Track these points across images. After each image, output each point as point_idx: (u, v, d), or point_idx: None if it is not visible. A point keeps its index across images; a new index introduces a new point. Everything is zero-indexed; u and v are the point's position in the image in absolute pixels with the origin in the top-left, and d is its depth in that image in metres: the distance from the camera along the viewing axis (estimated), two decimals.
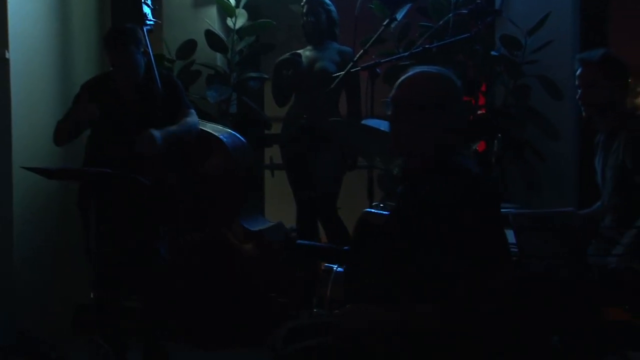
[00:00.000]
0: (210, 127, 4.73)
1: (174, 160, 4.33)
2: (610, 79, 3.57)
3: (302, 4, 5.15)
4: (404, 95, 2.55)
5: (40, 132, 4.75)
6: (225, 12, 5.33)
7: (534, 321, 3.08)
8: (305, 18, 5.12)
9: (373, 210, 3.43)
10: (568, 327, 3.26)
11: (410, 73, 2.60)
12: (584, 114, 3.68)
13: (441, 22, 4.69)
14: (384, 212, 3.19)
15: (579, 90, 3.63)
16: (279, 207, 5.19)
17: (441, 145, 2.51)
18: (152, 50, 4.30)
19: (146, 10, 4.44)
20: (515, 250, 3.43)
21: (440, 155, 2.50)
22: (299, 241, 3.92)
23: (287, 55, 5.11)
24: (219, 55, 5.44)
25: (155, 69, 4.27)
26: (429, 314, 2.30)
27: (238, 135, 4.82)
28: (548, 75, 4.67)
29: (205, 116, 4.93)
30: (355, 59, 4.37)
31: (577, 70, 3.65)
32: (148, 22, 4.45)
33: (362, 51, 4.36)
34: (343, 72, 4.38)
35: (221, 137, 4.67)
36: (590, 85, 3.60)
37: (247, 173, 4.78)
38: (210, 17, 5.46)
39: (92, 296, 4.01)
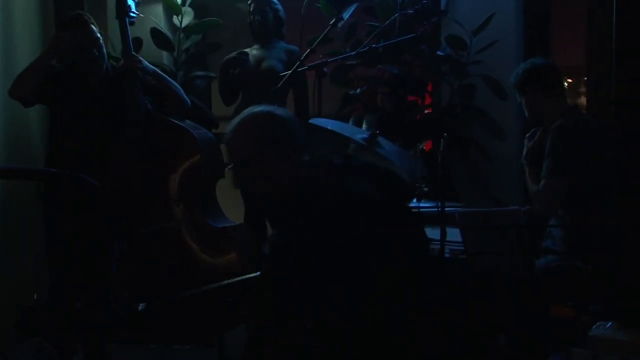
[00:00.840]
0: (180, 121, 4.70)
1: (144, 153, 4.33)
2: (540, 91, 3.74)
3: (248, 2, 5.13)
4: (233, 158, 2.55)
5: None
6: (172, 10, 5.29)
7: (480, 319, 3.12)
8: (252, 17, 5.11)
9: None
10: (513, 325, 3.30)
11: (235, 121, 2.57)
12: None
13: (387, 22, 4.72)
14: None
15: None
16: (227, 205, 5.15)
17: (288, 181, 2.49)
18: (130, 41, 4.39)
19: (130, 2, 4.45)
20: (462, 248, 3.48)
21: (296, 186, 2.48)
22: None
23: (234, 54, 5.08)
24: (165, 54, 5.40)
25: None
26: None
27: (206, 130, 4.80)
28: (493, 75, 4.73)
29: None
30: (302, 58, 4.38)
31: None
32: (131, 15, 4.47)
33: (309, 50, 4.36)
34: (290, 71, 4.38)
35: (191, 130, 4.64)
36: (529, 107, 3.78)
37: (214, 168, 4.77)
38: (156, 15, 5.41)
39: (35, 298, 3.95)
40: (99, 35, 4.18)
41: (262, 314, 2.41)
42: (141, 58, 4.34)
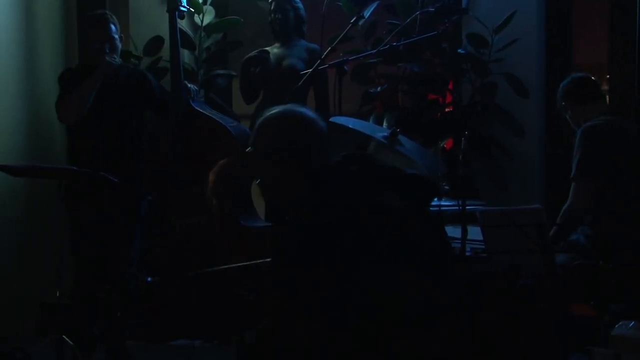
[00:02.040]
0: (218, 116, 4.75)
1: (183, 146, 4.45)
2: (583, 103, 3.89)
3: (269, 1, 5.14)
4: (259, 141, 2.49)
5: (4, 128, 4.70)
6: (193, 8, 5.30)
7: (501, 317, 3.11)
8: (272, 15, 5.11)
9: None
10: (534, 324, 3.29)
11: (262, 118, 2.51)
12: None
13: (408, 20, 4.71)
14: None
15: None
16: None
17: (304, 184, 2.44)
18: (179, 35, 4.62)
19: None
20: (483, 247, 3.46)
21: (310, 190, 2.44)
22: None
23: (254, 52, 5.10)
24: (186, 52, 5.41)
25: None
26: None
27: (242, 125, 4.85)
28: (514, 73, 4.71)
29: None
30: (323, 56, 4.38)
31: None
32: (182, 9, 4.65)
33: (329, 48, 4.36)
34: (311, 70, 4.39)
35: (228, 126, 4.69)
36: (575, 120, 3.91)
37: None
38: None
39: (58, 295, 3.98)
40: (114, 35, 4.19)
41: (269, 310, 2.41)
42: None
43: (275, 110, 2.51)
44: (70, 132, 4.34)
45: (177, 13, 4.60)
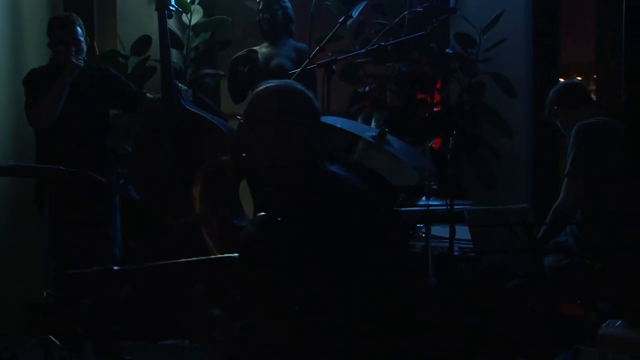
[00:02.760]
0: (209, 116, 4.76)
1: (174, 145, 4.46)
2: (573, 108, 3.90)
3: (257, 0, 5.13)
4: (256, 110, 2.50)
5: None
6: (181, 8, 5.29)
7: (488, 317, 3.12)
8: (261, 15, 5.10)
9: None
10: (522, 323, 3.30)
11: (260, 88, 2.53)
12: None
13: (397, 20, 4.71)
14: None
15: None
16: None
17: (300, 156, 2.48)
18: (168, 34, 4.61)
19: None
20: (471, 246, 3.47)
21: (302, 166, 2.48)
22: None
23: (243, 51, 5.08)
24: (174, 52, 5.39)
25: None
26: None
27: (230, 124, 4.86)
28: (502, 73, 4.72)
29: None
30: (312, 56, 4.38)
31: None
32: (170, 7, 4.62)
33: (318, 48, 4.36)
34: (299, 69, 4.38)
35: (220, 125, 4.70)
36: (565, 125, 3.91)
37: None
38: None
39: (45, 295, 3.97)
40: (80, 37, 4.16)
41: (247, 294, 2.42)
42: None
43: (276, 82, 2.54)
44: (38, 136, 4.30)
45: (165, 12, 4.58)
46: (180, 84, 4.66)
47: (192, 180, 4.59)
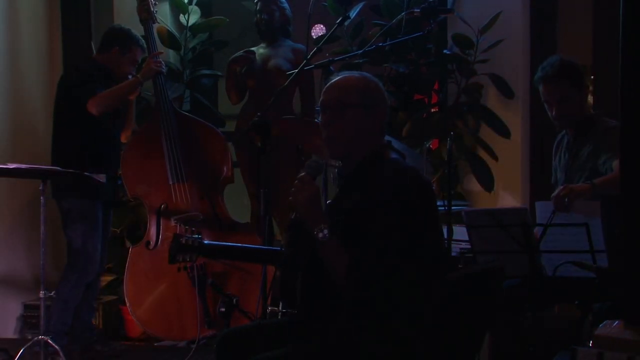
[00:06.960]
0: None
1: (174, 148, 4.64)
2: (577, 87, 3.60)
3: (255, 1, 5.13)
4: (334, 97, 2.60)
5: None
6: (178, 8, 5.30)
7: (485, 317, 3.12)
8: (258, 15, 5.11)
9: None
10: (519, 323, 3.30)
11: (336, 78, 2.67)
12: (557, 128, 3.72)
13: (394, 21, 4.71)
14: None
15: (552, 108, 3.61)
16: (234, 204, 5.16)
17: (373, 143, 2.61)
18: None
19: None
20: (469, 247, 3.47)
21: (374, 152, 2.60)
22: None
23: (240, 52, 5.09)
24: (171, 52, 5.41)
25: None
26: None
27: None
28: (499, 74, 4.72)
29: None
30: (309, 56, 4.37)
31: (539, 88, 3.64)
32: (155, 18, 4.82)
33: (315, 49, 4.35)
34: (297, 70, 4.38)
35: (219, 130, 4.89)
36: (562, 101, 3.58)
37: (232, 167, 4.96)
38: (163, 14, 5.41)
39: (41, 295, 3.97)
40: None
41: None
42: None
43: (357, 73, 2.68)
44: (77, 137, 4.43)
45: (150, 23, 4.77)
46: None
47: (190, 178, 4.68)
